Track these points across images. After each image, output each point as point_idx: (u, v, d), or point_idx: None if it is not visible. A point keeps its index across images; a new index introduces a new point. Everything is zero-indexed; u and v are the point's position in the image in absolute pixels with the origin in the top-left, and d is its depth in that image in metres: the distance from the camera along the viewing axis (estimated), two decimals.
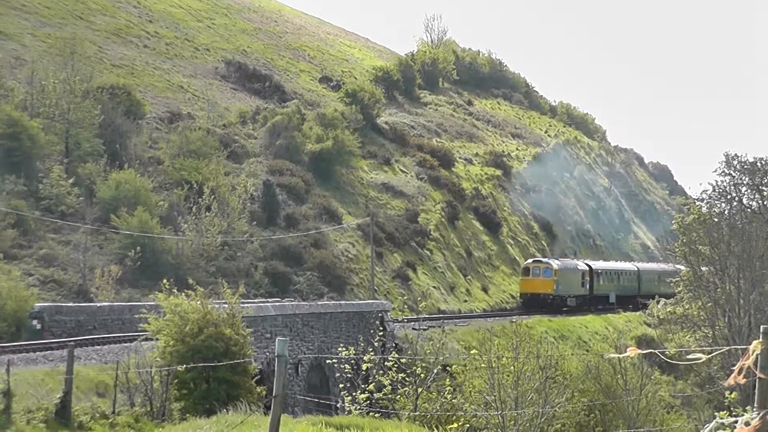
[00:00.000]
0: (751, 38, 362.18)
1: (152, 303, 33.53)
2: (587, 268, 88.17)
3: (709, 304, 62.25)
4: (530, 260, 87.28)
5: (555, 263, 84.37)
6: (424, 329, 51.30)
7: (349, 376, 34.38)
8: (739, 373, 8.26)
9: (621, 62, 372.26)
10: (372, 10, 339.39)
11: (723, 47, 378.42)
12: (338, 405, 35.49)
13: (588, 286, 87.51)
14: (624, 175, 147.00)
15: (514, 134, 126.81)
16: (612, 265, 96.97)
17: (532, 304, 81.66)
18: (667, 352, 41.63)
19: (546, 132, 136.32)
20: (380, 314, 54.80)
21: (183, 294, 29.55)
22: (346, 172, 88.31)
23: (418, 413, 32.41)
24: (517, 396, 34.96)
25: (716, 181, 64.82)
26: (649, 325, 79.79)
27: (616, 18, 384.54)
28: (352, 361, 34.43)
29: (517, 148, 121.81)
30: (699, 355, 8.42)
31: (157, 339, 29.05)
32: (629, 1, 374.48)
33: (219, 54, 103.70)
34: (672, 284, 66.84)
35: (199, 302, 29.09)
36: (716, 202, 65.32)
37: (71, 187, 61.49)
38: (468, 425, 33.71)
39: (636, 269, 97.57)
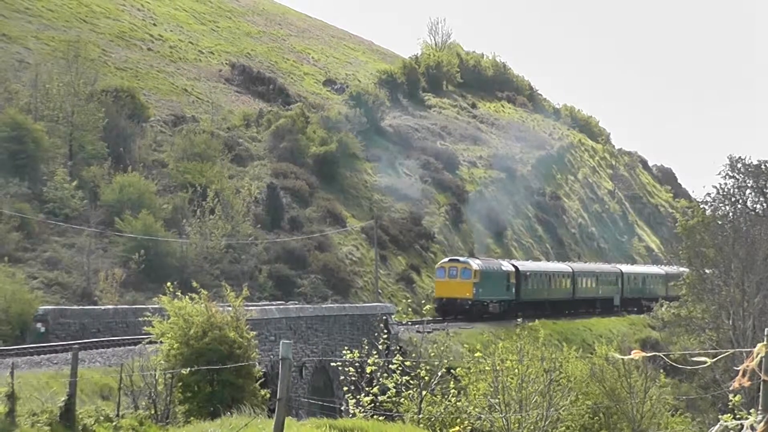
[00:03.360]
0: (755, 40, 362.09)
1: (156, 306, 33.57)
2: (513, 270, 76.04)
3: (714, 307, 62.18)
4: (446, 259, 74.84)
5: (475, 263, 72.27)
6: (429, 332, 51.25)
7: (353, 379, 34.35)
8: (743, 375, 8.26)
9: (625, 65, 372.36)
10: (376, 13, 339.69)
11: (727, 49, 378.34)
12: (342, 408, 35.50)
13: (514, 290, 75.53)
14: (628, 178, 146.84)
15: (518, 137, 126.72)
16: (543, 266, 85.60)
17: (448, 310, 69.27)
18: (671, 355, 41.61)
19: (550, 135, 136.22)
20: (384, 317, 54.82)
21: (187, 297, 29.54)
22: (350, 174, 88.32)
23: (422, 416, 32.42)
24: (522, 399, 34.93)
25: (720, 184, 64.77)
26: (653, 328, 79.76)
27: (620, 21, 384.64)
28: (357, 364, 34.39)
29: (521, 151, 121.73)
30: (704, 359, 8.41)
31: (161, 342, 29.03)
32: (633, 5, 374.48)
33: (223, 57, 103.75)
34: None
35: (203, 305, 29.08)
36: (720, 204, 65.24)
37: (75, 190, 61.56)
38: (472, 428, 33.72)
39: (570, 270, 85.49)
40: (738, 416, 9.79)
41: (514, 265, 77.10)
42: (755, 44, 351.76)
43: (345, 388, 36.63)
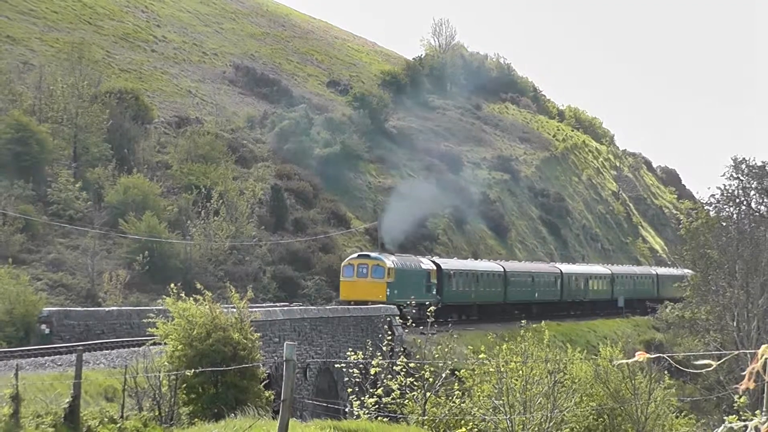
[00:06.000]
0: (761, 40, 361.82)
1: (160, 307, 33.57)
2: (434, 268, 66.73)
3: (718, 309, 62.14)
4: (354, 255, 64.46)
5: (389, 260, 62.57)
6: (433, 333, 51.27)
7: (358, 380, 34.36)
8: (749, 378, 8.25)
9: (629, 66, 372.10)
10: (380, 13, 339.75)
11: (732, 50, 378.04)
12: (347, 409, 35.48)
13: (435, 291, 65.79)
14: (632, 180, 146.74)
15: (522, 138, 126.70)
16: (470, 264, 74.84)
17: None
18: (676, 357, 41.61)
19: (554, 136, 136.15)
20: (388, 318, 54.76)
21: (191, 298, 29.54)
22: (353, 176, 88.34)
23: (426, 418, 32.41)
24: (526, 400, 34.90)
25: (724, 186, 64.72)
26: (657, 330, 79.69)
27: (624, 23, 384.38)
28: (361, 366, 34.40)
29: (525, 153, 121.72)
30: (708, 362, 8.39)
31: (165, 343, 29.03)
32: (637, 6, 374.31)
33: (227, 58, 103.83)
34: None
35: (207, 306, 29.08)
36: (724, 206, 65.19)
37: (79, 191, 61.63)
38: (476, 430, 33.72)
39: (502, 270, 75.81)
40: (743, 417, 9.78)
41: (435, 263, 68.21)
42: (760, 45, 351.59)
43: (349, 390, 36.66)
